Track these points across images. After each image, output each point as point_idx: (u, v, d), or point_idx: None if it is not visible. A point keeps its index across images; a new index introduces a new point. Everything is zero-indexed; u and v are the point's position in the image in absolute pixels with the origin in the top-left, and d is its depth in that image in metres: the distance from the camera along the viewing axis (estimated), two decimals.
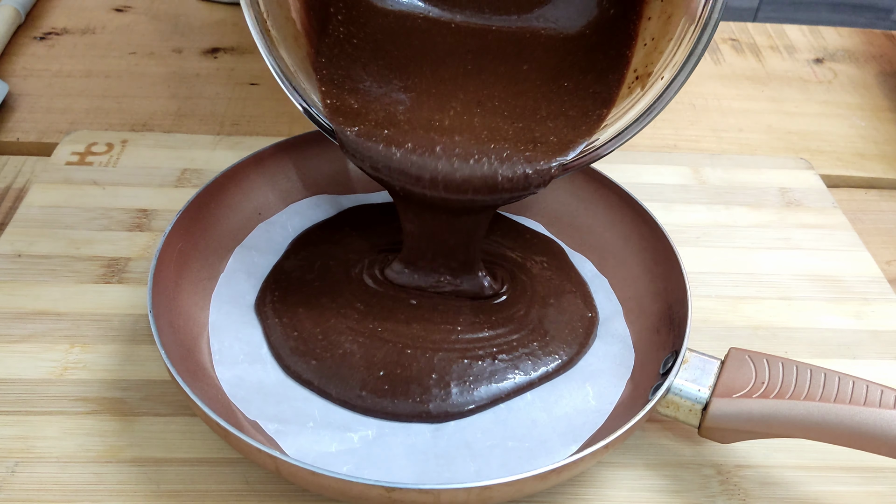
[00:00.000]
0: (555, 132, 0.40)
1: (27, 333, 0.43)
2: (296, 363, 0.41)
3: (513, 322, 0.43)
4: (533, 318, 0.44)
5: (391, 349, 0.41)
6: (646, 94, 0.38)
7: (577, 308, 0.45)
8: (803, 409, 0.35)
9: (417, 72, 0.42)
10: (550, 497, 0.38)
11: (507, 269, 0.46)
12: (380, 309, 0.43)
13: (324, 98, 0.40)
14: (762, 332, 0.46)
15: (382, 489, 0.32)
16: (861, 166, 0.61)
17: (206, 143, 0.56)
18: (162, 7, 0.72)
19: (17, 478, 0.37)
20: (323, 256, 0.46)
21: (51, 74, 0.63)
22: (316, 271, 0.45)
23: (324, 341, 0.41)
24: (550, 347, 0.42)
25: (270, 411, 0.39)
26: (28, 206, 0.50)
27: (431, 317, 0.43)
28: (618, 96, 0.40)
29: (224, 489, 0.37)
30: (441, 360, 0.41)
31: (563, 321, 0.44)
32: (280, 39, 0.39)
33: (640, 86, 0.39)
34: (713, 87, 0.68)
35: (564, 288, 0.46)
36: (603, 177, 0.48)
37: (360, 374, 0.40)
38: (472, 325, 0.43)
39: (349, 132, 0.39)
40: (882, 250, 0.54)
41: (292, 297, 0.44)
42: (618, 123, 0.39)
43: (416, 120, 0.40)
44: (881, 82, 0.70)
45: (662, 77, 0.37)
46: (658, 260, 0.44)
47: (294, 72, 0.40)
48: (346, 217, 0.49)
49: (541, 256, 0.48)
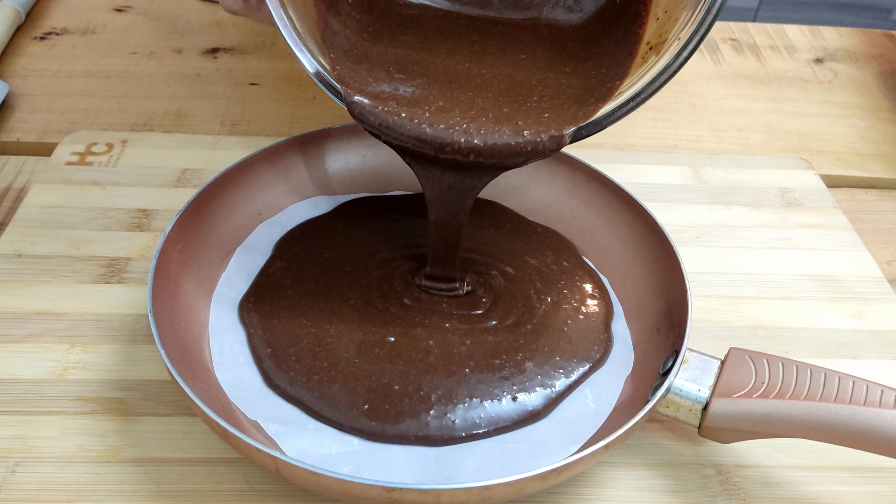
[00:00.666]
0: (567, 101, 0.39)
1: (27, 333, 0.43)
2: (280, 381, 0.40)
3: (520, 343, 0.42)
4: (543, 342, 0.42)
5: (381, 371, 0.40)
6: (661, 59, 0.38)
7: (592, 332, 0.43)
8: (803, 409, 0.35)
9: (427, 50, 0.41)
10: (550, 497, 0.38)
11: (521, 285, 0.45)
12: (366, 322, 0.42)
13: (333, 64, 0.39)
14: (762, 332, 0.46)
15: (382, 489, 0.32)
16: (861, 166, 0.61)
17: (206, 143, 0.56)
18: (162, 7, 0.72)
19: (17, 478, 0.37)
20: (308, 262, 0.46)
21: (51, 74, 0.63)
22: (304, 278, 0.45)
23: (311, 361, 0.40)
24: (557, 375, 0.41)
25: (271, 412, 0.39)
26: (28, 206, 0.50)
27: (421, 335, 0.42)
28: (632, 67, 0.39)
29: (224, 489, 0.37)
30: (436, 385, 0.40)
31: (574, 349, 0.42)
32: (290, 2, 0.39)
33: (654, 53, 0.38)
34: (713, 87, 0.68)
35: (580, 307, 0.44)
36: (603, 177, 0.48)
37: (344, 405, 0.39)
38: (470, 340, 0.42)
39: (358, 99, 0.38)
40: (882, 250, 0.54)
41: (273, 306, 0.43)
42: (633, 88, 0.38)
43: (428, 87, 0.39)
44: (881, 82, 0.70)
45: (679, 38, 0.37)
46: (658, 260, 0.44)
47: (304, 34, 0.39)
48: (331, 218, 0.49)
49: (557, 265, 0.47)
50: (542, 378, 0.41)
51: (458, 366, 0.41)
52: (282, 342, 0.41)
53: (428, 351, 0.41)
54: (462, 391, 0.40)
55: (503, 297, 0.44)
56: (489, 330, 0.43)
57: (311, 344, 0.41)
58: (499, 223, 0.49)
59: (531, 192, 0.51)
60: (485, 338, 0.42)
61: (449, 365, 0.41)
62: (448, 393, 0.39)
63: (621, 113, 0.38)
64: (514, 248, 0.48)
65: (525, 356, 0.42)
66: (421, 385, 0.40)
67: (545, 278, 0.46)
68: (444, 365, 0.41)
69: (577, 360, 0.42)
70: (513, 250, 0.48)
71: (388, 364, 0.40)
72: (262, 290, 0.44)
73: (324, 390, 0.39)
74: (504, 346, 0.42)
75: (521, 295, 0.45)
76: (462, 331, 0.42)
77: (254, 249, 0.46)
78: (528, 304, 0.44)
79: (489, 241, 0.48)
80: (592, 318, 0.44)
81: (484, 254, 0.47)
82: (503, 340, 0.42)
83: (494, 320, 0.43)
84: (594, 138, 0.61)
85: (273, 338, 0.41)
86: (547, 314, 0.44)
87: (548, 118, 0.38)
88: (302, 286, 0.44)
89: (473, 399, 0.39)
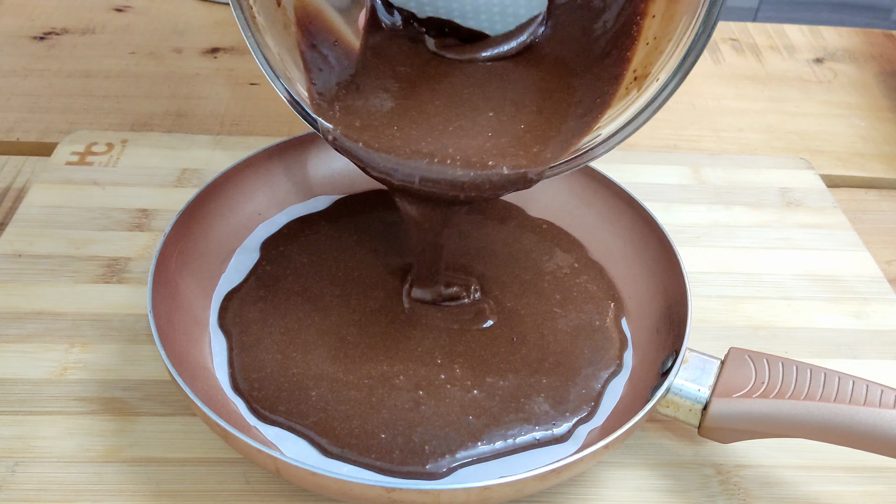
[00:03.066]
0: (544, 136, 0.38)
1: (27, 333, 0.43)
2: (263, 405, 0.39)
3: (525, 368, 0.41)
4: (547, 365, 0.41)
5: (364, 415, 0.38)
6: (641, 96, 0.38)
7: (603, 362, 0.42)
8: (803, 409, 0.35)
9: (409, 84, 0.40)
10: (550, 497, 0.38)
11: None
12: (355, 342, 0.41)
13: (311, 91, 0.39)
14: (762, 332, 0.46)
15: (382, 489, 0.32)
16: (861, 166, 0.61)
17: (206, 143, 0.56)
18: (162, 7, 0.72)
19: (17, 478, 0.37)
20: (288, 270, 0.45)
21: (51, 74, 0.63)
22: (279, 293, 0.44)
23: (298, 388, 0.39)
24: (563, 408, 0.39)
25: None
26: (28, 206, 0.50)
27: (415, 374, 0.40)
28: (614, 98, 0.39)
29: (224, 489, 0.37)
30: (435, 437, 0.37)
31: (580, 382, 0.41)
32: (268, 27, 0.39)
33: (636, 87, 0.38)
34: (713, 87, 0.68)
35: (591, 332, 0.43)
36: (603, 177, 0.48)
37: (332, 435, 0.37)
38: (476, 388, 0.40)
39: (334, 129, 0.38)
40: (882, 250, 0.54)
41: (245, 319, 0.42)
42: (611, 125, 0.38)
43: (402, 122, 0.38)
44: (881, 82, 0.70)
45: (658, 79, 0.37)
46: (658, 260, 0.44)
47: (281, 59, 0.39)
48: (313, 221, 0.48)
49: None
50: (563, 412, 0.39)
51: (460, 415, 0.38)
52: (250, 368, 0.40)
53: (418, 401, 0.39)
54: (471, 447, 0.37)
55: (515, 319, 0.43)
56: (497, 361, 0.41)
57: (277, 374, 0.40)
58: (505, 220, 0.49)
59: (531, 193, 0.50)
60: (494, 381, 0.40)
61: (448, 415, 0.38)
62: (451, 446, 0.37)
63: (597, 153, 0.38)
64: (522, 249, 0.47)
65: (543, 396, 0.40)
66: (413, 437, 0.37)
67: (559, 286, 0.45)
68: (441, 416, 0.38)
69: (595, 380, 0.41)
70: (521, 251, 0.47)
71: (371, 410, 0.38)
72: (240, 299, 0.43)
73: (303, 430, 0.38)
74: (520, 389, 0.40)
75: (532, 318, 0.43)
76: (466, 370, 0.40)
77: (253, 250, 0.46)
78: (538, 327, 0.43)
79: (496, 242, 0.48)
80: (607, 338, 0.43)
81: (488, 261, 0.47)
82: (519, 382, 0.40)
83: (502, 350, 0.41)
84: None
85: (245, 364, 0.40)
86: (560, 335, 0.43)
87: (526, 154, 0.37)
88: (275, 302, 0.43)
89: (486, 449, 0.38)
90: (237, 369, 0.40)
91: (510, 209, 0.50)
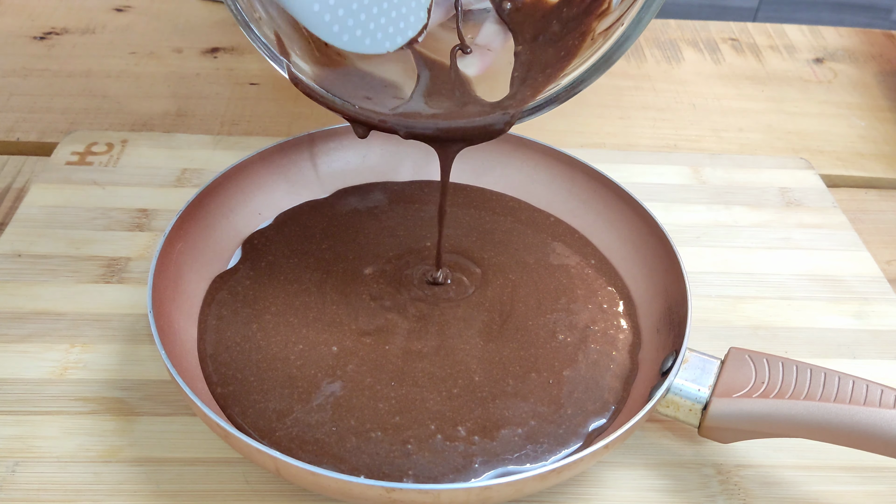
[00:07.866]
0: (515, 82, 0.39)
1: (27, 333, 0.43)
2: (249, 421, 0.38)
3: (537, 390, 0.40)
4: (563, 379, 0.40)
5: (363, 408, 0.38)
6: (608, 40, 0.38)
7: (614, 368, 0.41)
8: (803, 409, 0.35)
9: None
10: (550, 497, 0.38)
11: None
12: (350, 348, 0.41)
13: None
14: (762, 332, 0.46)
15: (382, 489, 0.32)
16: (861, 166, 0.61)
17: (206, 143, 0.56)
18: (162, 7, 0.72)
19: (17, 478, 0.37)
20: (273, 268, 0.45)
21: (51, 74, 0.63)
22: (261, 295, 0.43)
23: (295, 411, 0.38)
24: (571, 425, 0.38)
25: None
26: (28, 206, 0.50)
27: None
28: (576, 56, 0.39)
29: (224, 489, 0.37)
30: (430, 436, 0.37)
31: (593, 391, 0.40)
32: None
33: (602, 37, 0.38)
34: (713, 86, 0.68)
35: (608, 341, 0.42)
36: (603, 177, 0.48)
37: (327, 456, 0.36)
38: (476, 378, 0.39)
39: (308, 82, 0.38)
40: (882, 250, 0.54)
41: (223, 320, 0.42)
42: (579, 69, 0.38)
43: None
44: (881, 82, 0.70)
45: (623, 24, 0.37)
46: (658, 260, 0.44)
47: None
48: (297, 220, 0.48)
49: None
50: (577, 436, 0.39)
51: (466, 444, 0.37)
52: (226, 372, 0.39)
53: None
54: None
55: (526, 332, 0.42)
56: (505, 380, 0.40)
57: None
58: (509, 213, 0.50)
59: (531, 193, 0.51)
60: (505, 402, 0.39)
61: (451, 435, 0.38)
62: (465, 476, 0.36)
63: (571, 93, 0.38)
64: (531, 245, 0.47)
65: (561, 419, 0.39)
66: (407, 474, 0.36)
67: (567, 291, 0.45)
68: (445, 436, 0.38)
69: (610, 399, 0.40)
70: (531, 248, 0.47)
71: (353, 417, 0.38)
72: (222, 297, 0.43)
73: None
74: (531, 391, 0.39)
75: (544, 330, 0.43)
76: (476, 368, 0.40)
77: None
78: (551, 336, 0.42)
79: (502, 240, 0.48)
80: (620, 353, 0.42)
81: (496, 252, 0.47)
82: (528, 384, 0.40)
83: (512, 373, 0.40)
84: (594, 138, 0.61)
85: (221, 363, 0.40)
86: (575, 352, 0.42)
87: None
88: (257, 305, 0.43)
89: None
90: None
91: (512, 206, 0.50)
